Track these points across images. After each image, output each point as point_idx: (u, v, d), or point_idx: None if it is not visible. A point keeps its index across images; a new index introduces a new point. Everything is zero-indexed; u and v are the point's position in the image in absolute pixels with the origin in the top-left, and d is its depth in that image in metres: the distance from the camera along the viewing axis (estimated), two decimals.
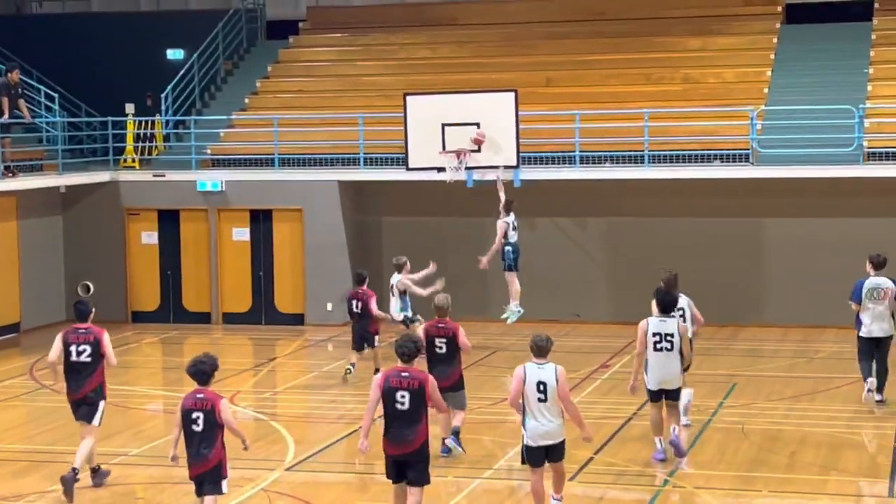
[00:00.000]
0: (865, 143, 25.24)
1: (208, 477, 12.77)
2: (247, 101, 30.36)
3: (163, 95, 29.46)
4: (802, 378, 21.13)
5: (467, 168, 24.95)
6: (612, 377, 20.72)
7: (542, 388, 13.09)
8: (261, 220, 27.48)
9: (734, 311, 25.70)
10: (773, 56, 28.67)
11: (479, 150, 24.75)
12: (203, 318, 27.62)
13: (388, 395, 12.86)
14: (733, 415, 18.56)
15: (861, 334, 18.50)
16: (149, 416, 19.51)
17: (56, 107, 28.48)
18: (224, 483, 12.92)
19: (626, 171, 25.91)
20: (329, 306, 26.85)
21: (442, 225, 27.03)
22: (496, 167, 25.07)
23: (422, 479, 12.98)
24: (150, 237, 28.09)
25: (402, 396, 12.80)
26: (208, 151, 28.79)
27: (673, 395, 15.81)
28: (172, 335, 26.79)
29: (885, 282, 18.34)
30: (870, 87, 26.95)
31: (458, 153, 24.78)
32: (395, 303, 21.61)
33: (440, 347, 16.18)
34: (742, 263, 25.86)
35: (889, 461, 15.79)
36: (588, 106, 26.90)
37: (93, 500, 14.92)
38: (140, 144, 29.38)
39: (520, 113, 24.98)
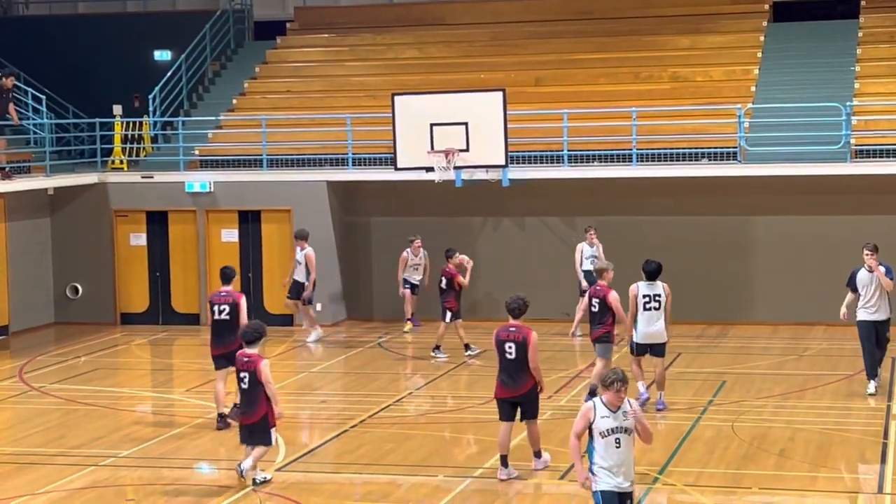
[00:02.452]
0: (853, 141, 25.31)
1: (256, 428, 14.96)
2: (235, 101, 30.36)
3: (150, 96, 29.46)
4: (791, 375, 21.17)
5: (456, 168, 24.98)
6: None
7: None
8: (249, 221, 27.47)
9: (723, 309, 25.77)
10: (760, 54, 28.75)
11: (467, 150, 24.82)
12: (192, 319, 27.57)
13: (499, 347, 15.23)
14: (723, 412, 18.58)
15: None
16: (138, 418, 19.48)
17: (43, 109, 28.46)
18: (272, 434, 15.06)
19: (615, 169, 25.95)
20: (319, 307, 26.83)
21: (431, 225, 27.01)
22: (484, 167, 25.13)
23: (534, 413, 15.43)
24: (139, 239, 28.05)
25: (510, 347, 15.11)
26: (196, 152, 28.77)
27: (657, 351, 18.39)
28: (161, 337, 26.77)
29: None
30: (857, 85, 27.04)
31: (447, 153, 24.81)
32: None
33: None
34: (730, 261, 25.92)
35: (878, 457, 15.84)
36: (576, 105, 26.95)
37: (83, 502, 14.91)
38: (128, 146, 29.37)
39: (508, 112, 25.02)
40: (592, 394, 18.51)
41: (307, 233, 24.74)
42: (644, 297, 18.21)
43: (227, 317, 17.78)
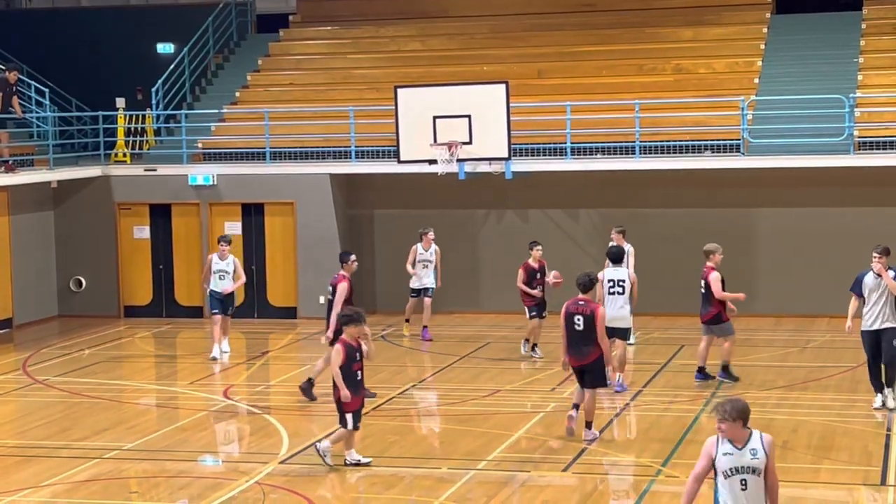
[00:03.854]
0: (856, 133, 25.32)
1: (337, 409, 15.43)
2: (237, 94, 30.37)
3: (153, 89, 29.48)
4: (795, 367, 21.18)
5: (459, 160, 24.99)
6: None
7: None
8: (253, 214, 27.51)
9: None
10: (763, 46, 28.74)
11: (469, 142, 24.81)
12: (196, 312, 27.59)
13: (567, 319, 16.22)
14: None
15: None
16: (142, 411, 19.51)
17: (46, 102, 28.47)
18: (347, 417, 15.29)
19: (618, 162, 25.97)
20: (321, 299, 26.84)
21: (434, 217, 26.98)
22: (487, 159, 25.14)
23: (595, 383, 16.37)
24: (142, 232, 28.09)
25: (578, 319, 16.12)
26: (199, 145, 28.80)
27: (621, 334, 19.03)
28: (165, 329, 26.81)
29: None
30: (860, 77, 27.02)
31: (450, 145, 24.80)
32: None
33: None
34: (733, 253, 25.79)
35: (881, 449, 15.84)
36: (579, 97, 26.96)
37: (87, 495, 14.95)
38: (131, 139, 29.39)
39: (511, 105, 25.02)
40: (725, 370, 19.60)
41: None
42: (609, 281, 19.01)
43: (330, 297, 19.29)
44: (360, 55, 31.02)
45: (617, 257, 19.40)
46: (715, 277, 19.18)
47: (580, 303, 16.28)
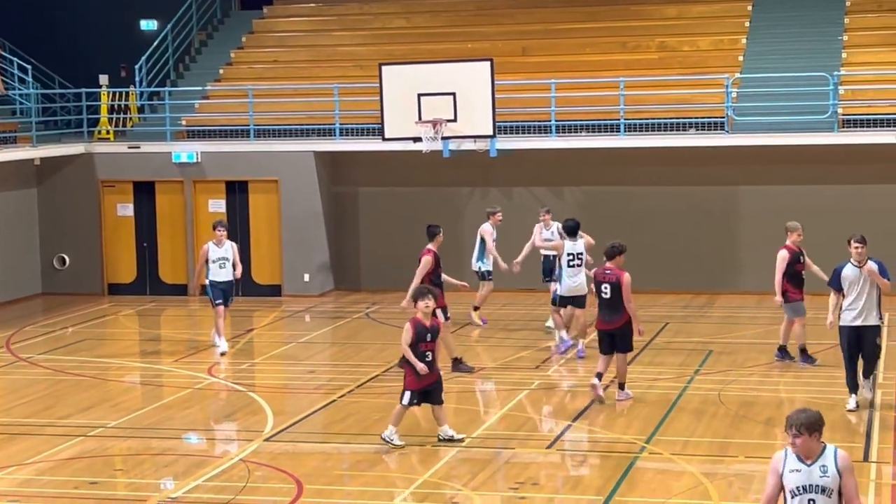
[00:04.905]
0: (840, 111, 25.39)
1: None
2: (221, 72, 30.33)
3: (136, 66, 29.46)
4: (776, 343, 21.23)
5: (443, 138, 24.99)
6: (589, 345, 20.81)
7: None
8: (237, 192, 27.51)
9: (710, 279, 25.89)
10: (747, 24, 28.78)
11: (454, 120, 24.82)
12: (180, 290, 27.64)
13: (597, 287, 17.21)
14: (709, 382, 18.68)
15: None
16: (126, 388, 19.54)
17: (29, 79, 28.43)
18: (405, 394, 15.31)
19: (603, 139, 26.02)
20: (306, 277, 26.90)
21: (419, 195, 27.09)
22: (472, 137, 25.15)
23: (625, 348, 17.23)
24: (126, 209, 28.08)
25: (605, 287, 17.03)
26: (183, 123, 28.77)
27: (579, 302, 20.01)
28: (149, 307, 26.81)
29: None
30: (844, 55, 27.09)
31: (434, 123, 24.80)
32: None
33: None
34: (718, 231, 26.01)
35: (864, 425, 15.93)
36: (564, 75, 26.99)
37: (72, 472, 14.96)
38: (114, 116, 29.35)
39: (496, 82, 25.01)
40: (804, 353, 19.50)
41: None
42: (568, 255, 19.93)
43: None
44: (345, 32, 30.99)
45: (573, 231, 20.19)
46: (780, 256, 19.21)
47: (607, 271, 17.11)
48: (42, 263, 28.23)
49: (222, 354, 21.10)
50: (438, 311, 16.37)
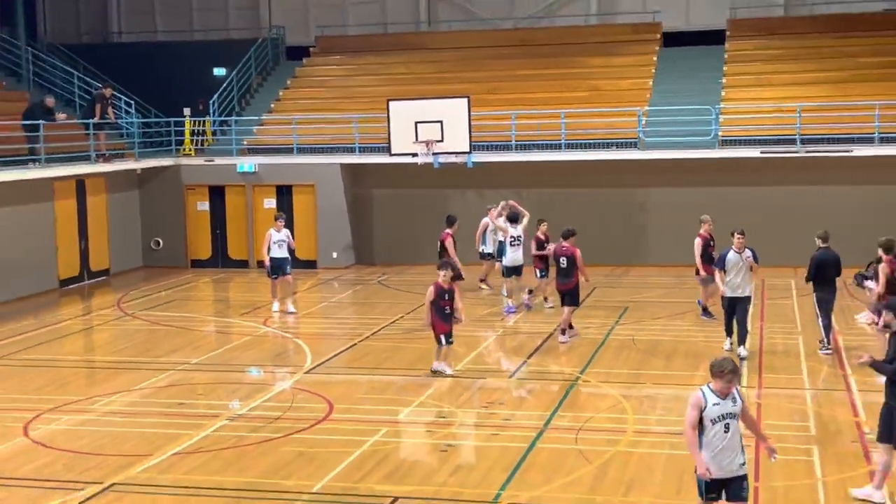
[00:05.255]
0: (720, 133, 25.38)
1: (433, 330, 15.44)
2: (272, 105, 30.21)
3: (211, 102, 29.33)
4: (676, 302, 21.31)
5: (434, 154, 24.95)
6: (540, 306, 20.79)
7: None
8: (284, 193, 27.41)
9: (626, 255, 25.88)
10: (654, 70, 28.73)
11: (442, 141, 24.76)
12: (243, 264, 27.57)
13: (556, 259, 17.77)
14: (626, 330, 18.72)
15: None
16: (204, 335, 19.51)
17: (133, 111, 28.30)
18: (440, 338, 15.35)
19: (550, 154, 25.97)
20: (334, 254, 26.83)
21: (416, 195, 27.03)
22: (455, 153, 25.10)
23: (573, 302, 17.65)
24: (203, 206, 27.96)
25: (563, 260, 17.59)
26: (245, 143, 28.65)
27: (517, 272, 20.41)
28: (221, 277, 26.74)
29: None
30: (723, 93, 27.07)
31: (427, 143, 24.76)
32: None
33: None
34: (633, 220, 26.01)
35: (737, 360, 15.89)
36: (521, 107, 26.93)
37: (166, 396, 14.94)
38: (195, 138, 29.21)
39: (472, 113, 24.94)
40: (706, 310, 19.14)
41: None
42: (511, 237, 20.33)
43: (439, 250, 20.26)
44: (362, 77, 30.86)
45: (515, 218, 20.62)
46: (696, 242, 18.87)
47: (563, 247, 17.64)
48: (143, 245, 28.13)
49: (275, 312, 20.92)
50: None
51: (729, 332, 16.54)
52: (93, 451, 12.50)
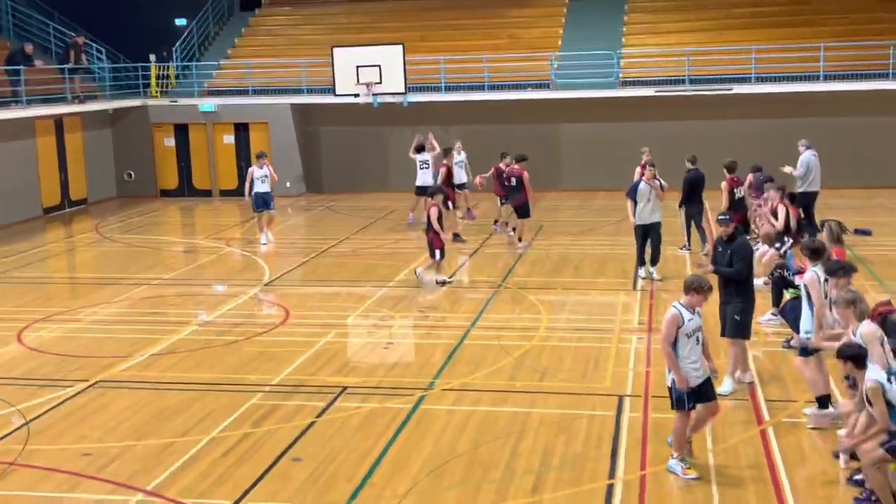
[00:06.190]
0: (621, 75, 25.55)
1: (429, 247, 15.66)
2: (229, 52, 29.64)
3: (174, 48, 28.72)
4: (583, 221, 21.61)
5: (374, 94, 24.81)
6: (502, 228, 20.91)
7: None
8: (242, 130, 27.08)
9: (541, 182, 25.80)
10: (564, 20, 28.68)
11: (380, 83, 24.63)
12: (206, 193, 27.31)
13: (508, 180, 18.13)
14: (543, 243, 18.94)
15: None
16: (174, 255, 19.41)
17: (104, 57, 27.67)
18: (436, 252, 15.60)
19: (473, 95, 25.95)
20: (288, 184, 26.68)
21: (358, 131, 26.89)
22: (392, 93, 24.99)
23: (524, 215, 18.09)
24: (170, 142, 27.54)
25: (513, 179, 18.01)
26: (206, 86, 28.16)
27: (424, 192, 18.78)
28: (187, 204, 26.48)
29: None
30: (624, 40, 27.17)
31: (367, 85, 24.60)
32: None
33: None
34: (546, 152, 26.16)
35: (634, 267, 16.28)
36: (449, 53, 26.78)
37: (143, 306, 14.91)
38: (161, 81, 28.66)
39: (406, 58, 24.79)
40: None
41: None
42: (419, 162, 20.58)
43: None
44: (309, 26, 30.35)
45: (421, 148, 20.91)
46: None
47: (514, 169, 18.20)
48: (116, 177, 27.69)
49: (263, 244, 19.35)
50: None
51: (641, 261, 15.59)
52: (79, 354, 12.51)
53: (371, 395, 10.74)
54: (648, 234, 15.28)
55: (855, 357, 7.88)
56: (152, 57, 28.61)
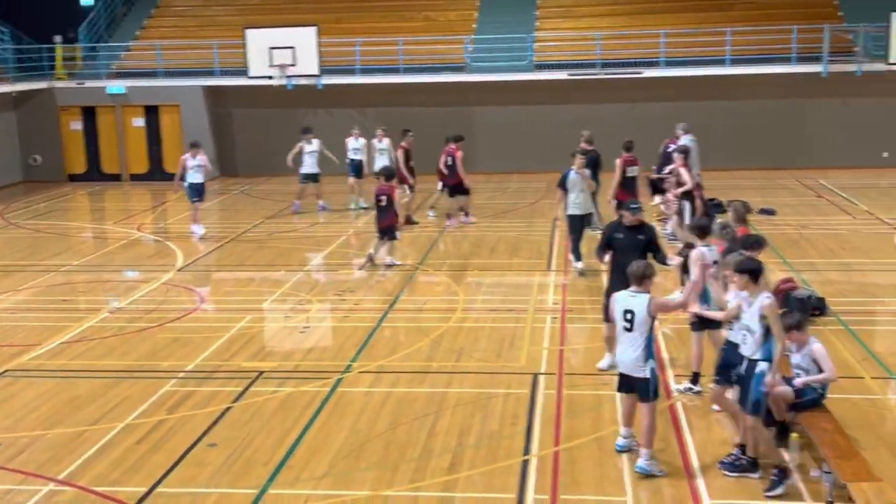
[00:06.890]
0: (535, 59, 25.78)
1: (387, 230, 15.40)
2: (138, 33, 29.00)
3: (80, 29, 27.97)
4: (494, 203, 21.72)
5: (287, 76, 24.58)
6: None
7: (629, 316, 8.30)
8: (152, 113, 26.55)
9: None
10: (478, 3, 28.78)
11: (294, 65, 24.41)
12: (116, 177, 26.73)
13: (445, 160, 18.28)
14: (469, 227, 19.05)
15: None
16: (83, 241, 19.00)
17: (8, 38, 26.81)
18: (396, 234, 15.51)
19: (388, 77, 25.89)
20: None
21: (272, 114, 26.61)
22: (306, 76, 24.79)
23: (461, 192, 18.49)
24: (77, 125, 26.84)
25: (449, 159, 18.18)
26: (114, 67, 27.51)
27: (315, 179, 20.30)
28: (96, 189, 25.89)
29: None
30: (537, 23, 27.41)
31: (281, 66, 24.36)
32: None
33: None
34: (462, 133, 26.20)
35: (549, 249, 16.51)
36: (364, 35, 26.66)
37: (52, 294, 14.55)
38: (67, 63, 27.89)
39: (320, 40, 24.62)
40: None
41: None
42: (307, 152, 20.53)
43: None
44: (221, 6, 29.83)
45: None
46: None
47: (449, 150, 18.40)
48: (22, 161, 26.90)
49: (200, 238, 18.40)
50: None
51: (578, 255, 14.78)
52: None
53: (288, 379, 10.70)
54: (583, 225, 14.87)
55: (752, 271, 8.02)
56: (58, 38, 27.84)
